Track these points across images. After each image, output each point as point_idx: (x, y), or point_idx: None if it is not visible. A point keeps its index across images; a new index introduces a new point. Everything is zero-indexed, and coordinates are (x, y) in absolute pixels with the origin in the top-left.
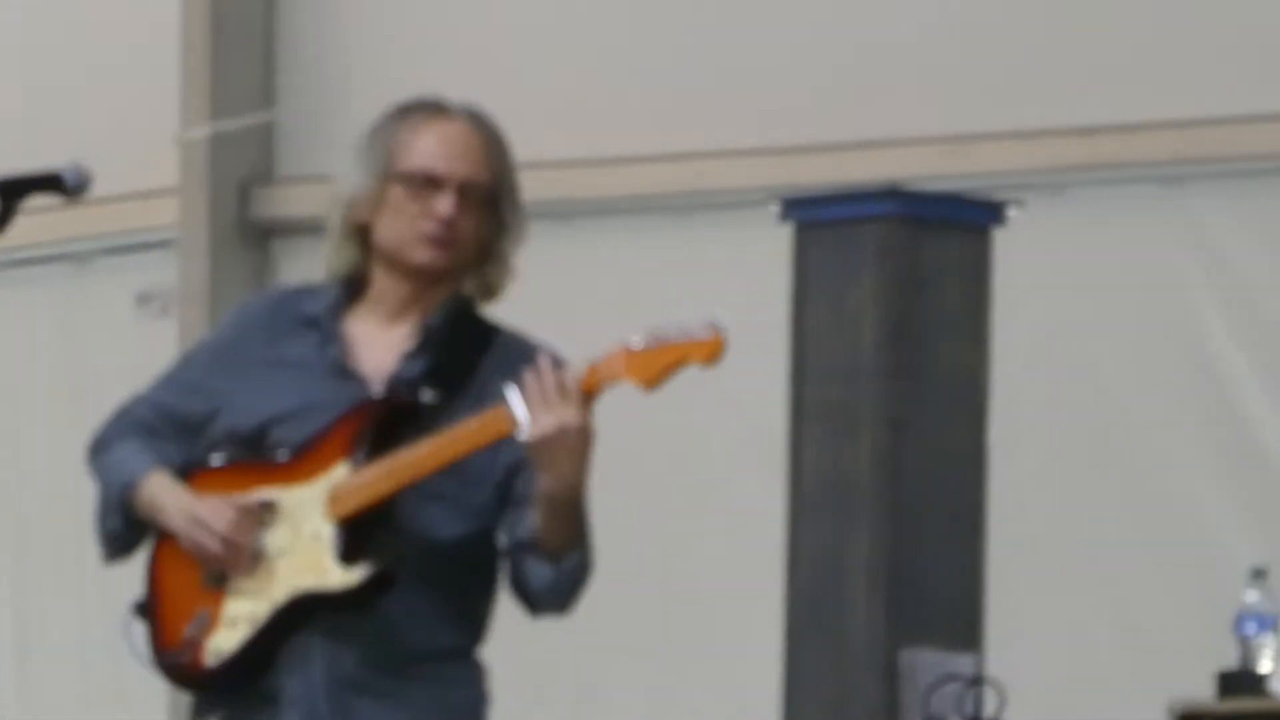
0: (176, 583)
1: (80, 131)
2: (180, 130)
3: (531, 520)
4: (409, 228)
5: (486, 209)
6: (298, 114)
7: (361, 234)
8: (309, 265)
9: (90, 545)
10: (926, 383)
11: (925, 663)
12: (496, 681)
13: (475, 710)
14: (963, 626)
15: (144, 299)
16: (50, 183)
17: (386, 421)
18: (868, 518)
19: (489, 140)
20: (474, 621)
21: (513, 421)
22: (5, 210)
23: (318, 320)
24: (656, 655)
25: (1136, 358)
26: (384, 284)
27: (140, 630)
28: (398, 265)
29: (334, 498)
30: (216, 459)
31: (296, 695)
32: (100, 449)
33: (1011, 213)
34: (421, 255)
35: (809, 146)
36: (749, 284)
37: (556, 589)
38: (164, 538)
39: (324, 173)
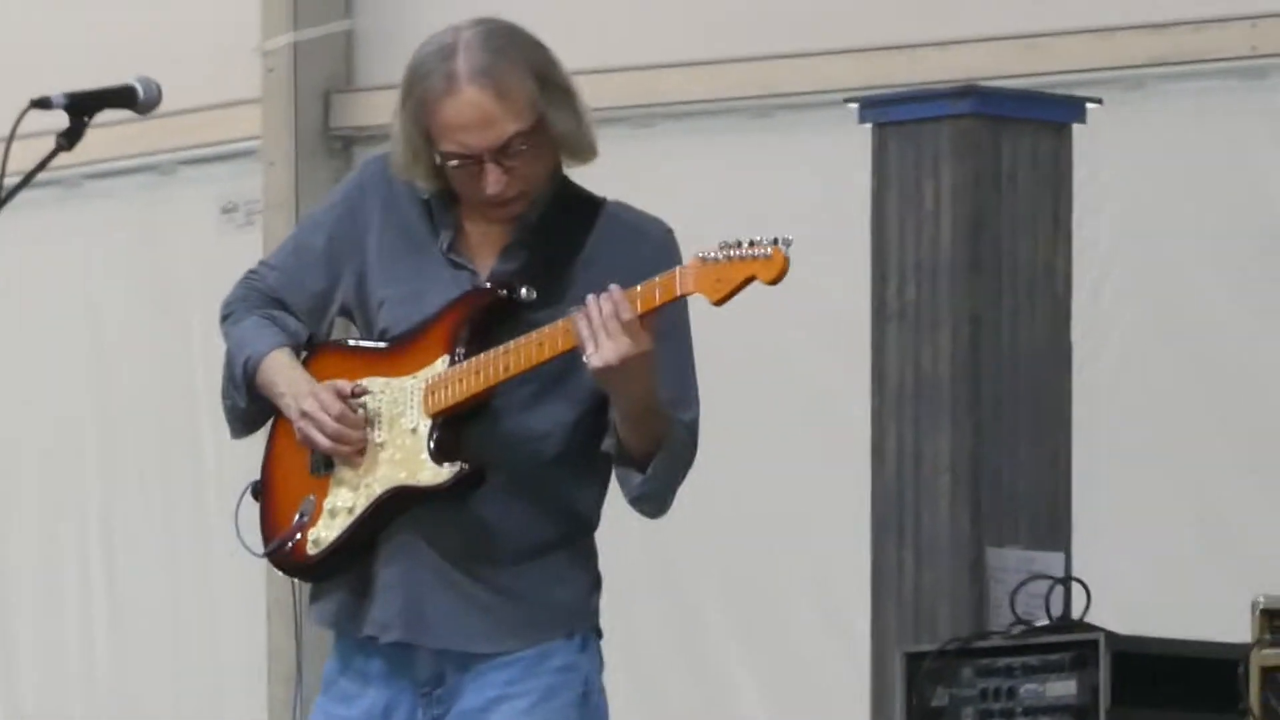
0: (288, 467)
1: (161, 43)
2: (261, 40)
3: (614, 432)
4: (471, 194)
5: (536, 139)
6: (376, 21)
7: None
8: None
9: (175, 450)
10: (1006, 279)
11: (1012, 561)
12: None
13: (579, 601)
14: (1049, 524)
15: (228, 209)
16: (122, 97)
17: (486, 317)
18: (950, 415)
19: (502, 88)
20: (576, 512)
21: (579, 343)
22: (77, 125)
23: (429, 202)
24: (742, 553)
25: (1218, 251)
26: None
27: (251, 513)
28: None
29: (430, 392)
30: (332, 340)
31: (392, 584)
32: (228, 319)
33: (1090, 108)
34: (494, 215)
35: (886, 46)
36: (828, 184)
37: (647, 495)
38: (281, 420)
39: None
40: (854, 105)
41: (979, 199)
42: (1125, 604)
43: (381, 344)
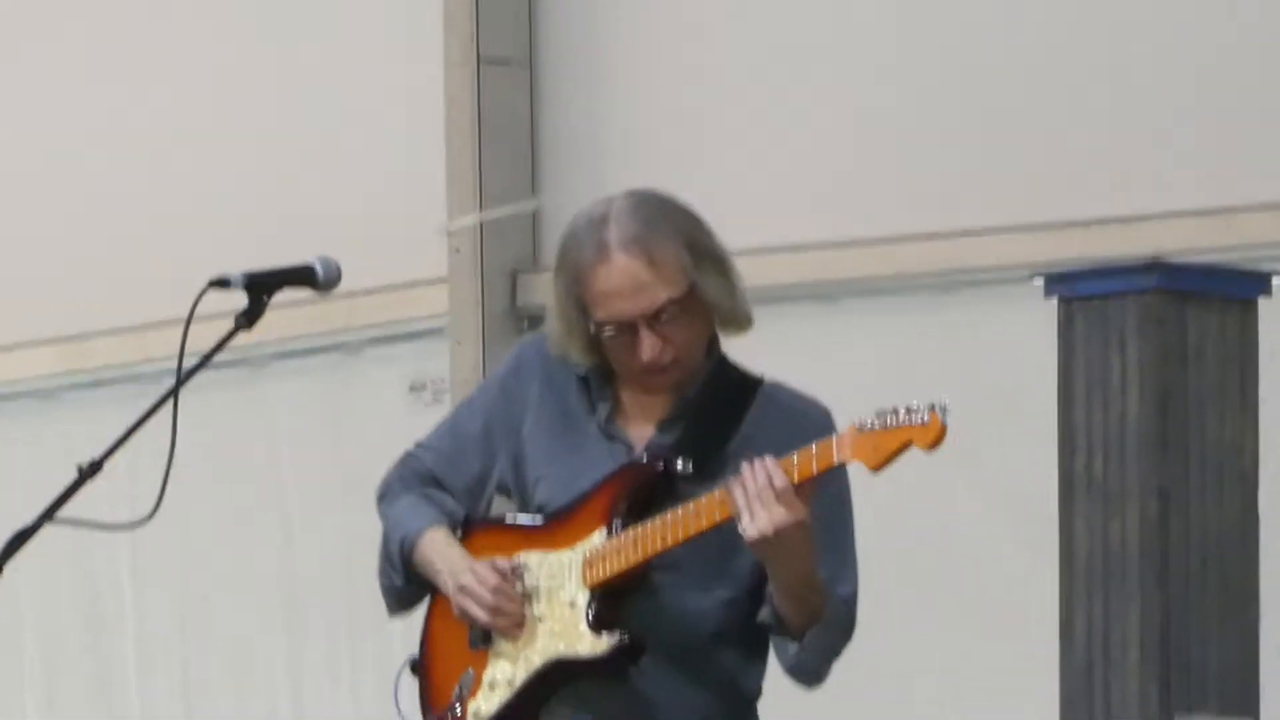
0: (447, 642)
1: (348, 224)
2: (448, 220)
3: (771, 603)
4: (626, 364)
5: (689, 306)
6: (562, 201)
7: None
8: None
9: (362, 630)
10: (1194, 455)
11: None
12: None
13: None
14: (1238, 698)
15: (415, 388)
16: (301, 276)
17: (643, 490)
18: (1139, 591)
19: (653, 254)
20: (736, 686)
21: (734, 513)
22: (256, 305)
23: (587, 378)
24: None
25: None
26: None
27: (411, 688)
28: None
29: (589, 564)
30: (489, 517)
31: None
32: (385, 498)
33: (1276, 283)
34: (650, 385)
35: (1070, 222)
36: (1014, 360)
37: (802, 667)
38: (440, 596)
39: None
40: (1039, 281)
41: (1166, 374)
42: None
43: (538, 519)
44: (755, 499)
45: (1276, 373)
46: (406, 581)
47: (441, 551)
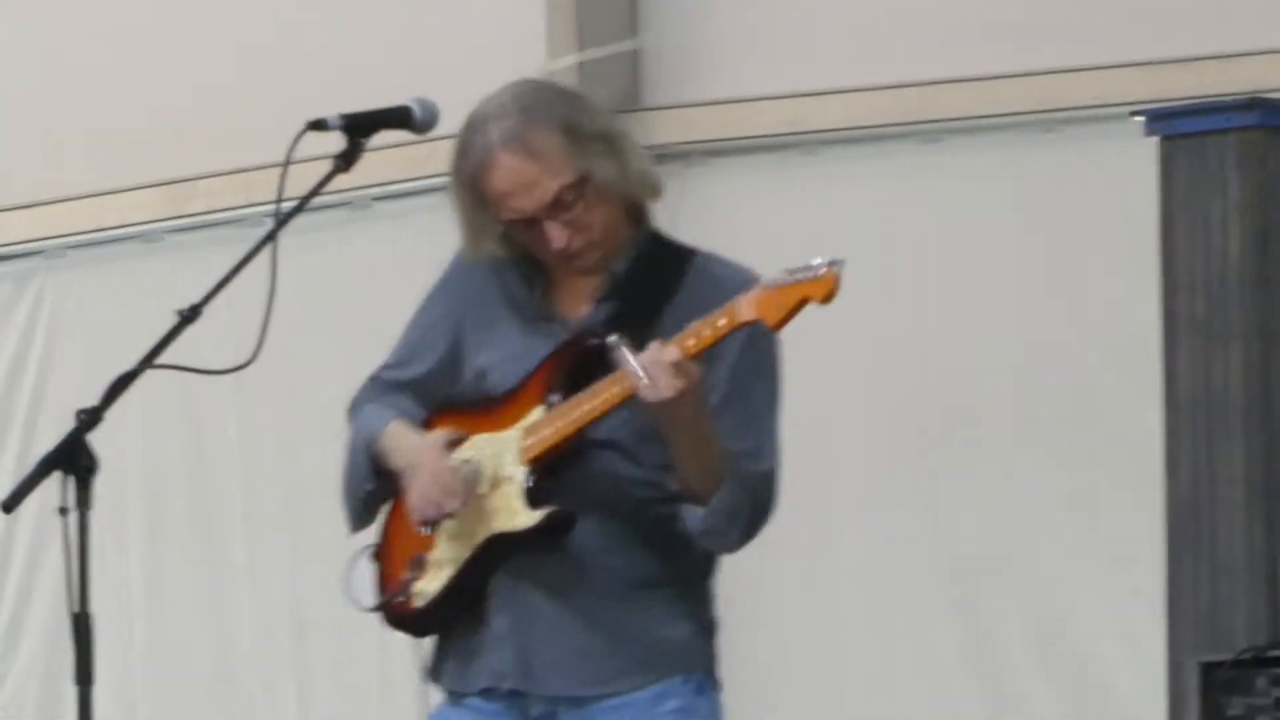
0: (403, 528)
1: (448, 65)
2: (547, 60)
3: (676, 469)
4: (542, 252)
5: (586, 190)
6: (663, 40)
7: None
8: (677, 192)
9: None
10: None
11: None
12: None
13: (692, 643)
14: None
15: None
16: (398, 118)
17: (579, 366)
18: (1242, 429)
19: (533, 148)
20: (685, 550)
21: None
22: (354, 146)
23: (519, 262)
24: (1036, 565)
25: None
26: None
27: (367, 573)
28: None
29: (524, 441)
30: (444, 400)
31: (503, 635)
32: (351, 414)
33: None
34: (572, 268)
35: (1168, 59)
36: (1116, 198)
37: (709, 530)
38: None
39: (690, 100)
40: (1140, 119)
41: (1266, 212)
42: None
43: (486, 402)
44: (646, 370)
45: None
46: (376, 480)
47: (398, 443)
